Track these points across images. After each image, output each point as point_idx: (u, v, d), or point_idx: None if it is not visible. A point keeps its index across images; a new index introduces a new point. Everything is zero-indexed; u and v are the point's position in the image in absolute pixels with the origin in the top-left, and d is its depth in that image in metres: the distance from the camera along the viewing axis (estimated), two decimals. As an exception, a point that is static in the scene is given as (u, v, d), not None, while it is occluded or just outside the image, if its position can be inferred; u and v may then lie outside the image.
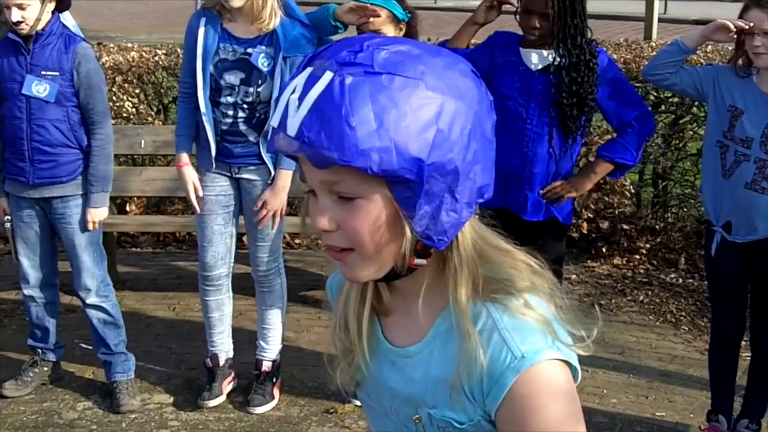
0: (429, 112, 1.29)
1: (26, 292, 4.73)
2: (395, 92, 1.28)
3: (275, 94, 4.20)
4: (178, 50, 6.98)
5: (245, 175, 4.42)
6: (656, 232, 6.84)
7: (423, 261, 1.40)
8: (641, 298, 6.08)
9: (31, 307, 4.76)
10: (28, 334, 4.91)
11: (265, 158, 4.34)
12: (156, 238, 7.23)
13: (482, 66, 4.03)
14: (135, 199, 7.08)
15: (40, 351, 4.83)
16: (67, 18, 4.51)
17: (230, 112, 4.30)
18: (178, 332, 5.61)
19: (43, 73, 4.32)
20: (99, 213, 4.50)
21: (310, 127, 1.27)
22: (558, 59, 3.98)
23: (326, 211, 1.35)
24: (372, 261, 1.38)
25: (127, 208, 7.12)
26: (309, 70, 1.32)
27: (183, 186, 4.50)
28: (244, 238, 5.39)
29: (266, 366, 4.74)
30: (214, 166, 4.40)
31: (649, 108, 4.43)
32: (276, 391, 4.76)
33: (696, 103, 6.28)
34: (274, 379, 4.76)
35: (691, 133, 6.49)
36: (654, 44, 7.34)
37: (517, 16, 4.08)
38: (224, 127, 4.33)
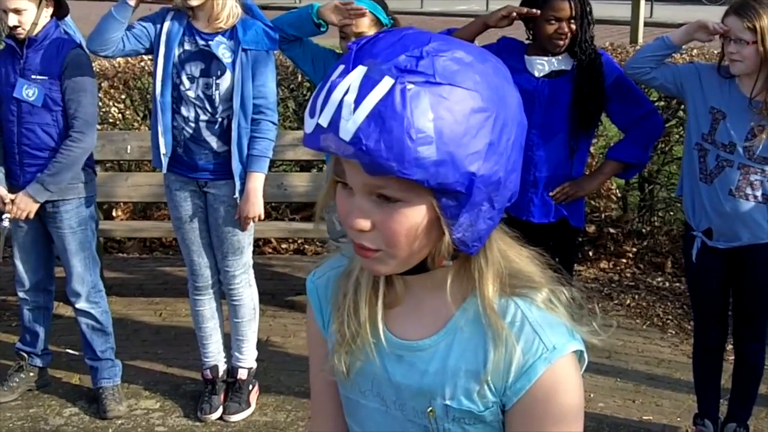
0: (484, 125, 1.29)
1: (21, 295, 4.74)
2: (455, 104, 1.26)
3: (236, 89, 4.22)
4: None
5: (212, 190, 4.40)
6: (643, 235, 6.85)
7: (450, 262, 1.42)
8: (628, 301, 6.09)
9: (24, 310, 4.76)
10: (18, 338, 4.92)
11: (234, 171, 4.31)
12: (142, 243, 7.22)
13: None
14: (121, 204, 7.07)
15: (26, 356, 4.82)
16: (68, 24, 4.50)
17: (192, 116, 4.28)
18: (164, 338, 5.60)
19: (33, 77, 4.32)
20: (27, 202, 4.35)
21: (368, 134, 1.24)
22: (582, 58, 4.06)
23: (364, 212, 1.34)
24: (400, 260, 1.38)
25: (114, 214, 7.11)
26: (362, 69, 1.27)
27: None
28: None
29: (242, 374, 4.72)
30: (164, 165, 4.35)
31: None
32: (252, 399, 4.75)
33: (682, 106, 6.29)
34: (251, 387, 4.75)
35: (677, 136, 6.49)
36: (640, 48, 7.34)
37: (530, 31, 4.15)
38: (187, 135, 4.30)
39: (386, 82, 1.25)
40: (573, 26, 4.01)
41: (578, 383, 1.46)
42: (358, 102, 1.25)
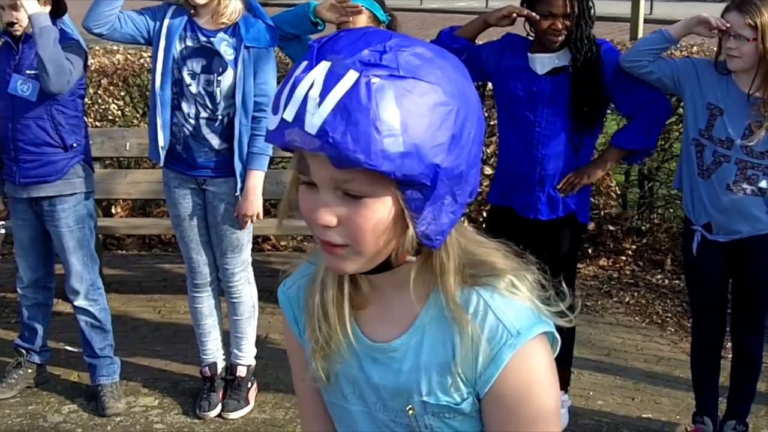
0: (447, 118, 1.30)
1: (20, 291, 4.75)
2: (418, 97, 1.28)
3: (239, 86, 4.22)
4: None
5: (211, 188, 4.40)
6: (642, 233, 6.85)
7: (414, 258, 1.42)
8: (627, 299, 6.08)
9: (24, 307, 4.77)
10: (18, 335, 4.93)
11: (236, 169, 4.31)
12: (142, 240, 7.22)
13: (491, 64, 4.19)
14: (121, 201, 7.06)
15: (25, 352, 4.82)
16: (67, 23, 4.48)
17: (192, 113, 4.27)
18: (163, 334, 5.60)
19: (28, 72, 4.32)
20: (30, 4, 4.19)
21: (334, 127, 1.25)
22: (577, 56, 4.04)
23: (329, 207, 1.34)
24: (366, 257, 1.38)
25: (113, 211, 7.11)
26: (326, 65, 1.29)
27: None
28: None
29: (241, 371, 4.72)
30: (161, 158, 4.34)
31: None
32: (252, 396, 4.75)
33: (682, 103, 6.27)
34: (249, 384, 4.75)
35: (677, 133, 6.49)
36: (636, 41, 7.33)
37: (527, 25, 4.16)
38: (187, 132, 4.30)
39: (351, 76, 1.27)
40: (568, 23, 4.01)
41: (549, 365, 1.47)
42: (323, 96, 1.27)
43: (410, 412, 1.51)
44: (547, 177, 4.15)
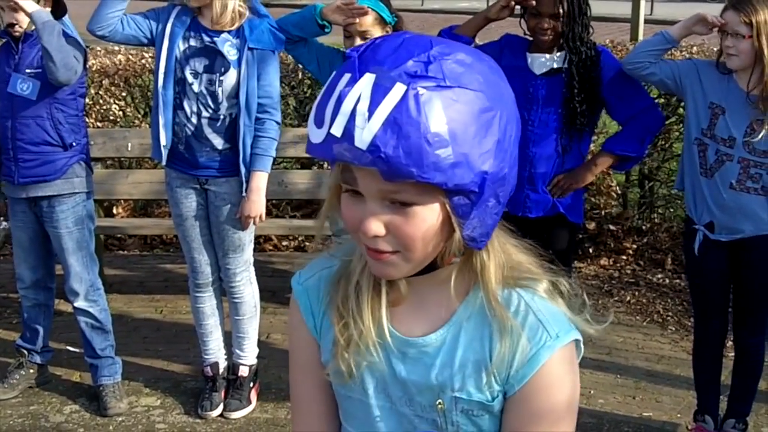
0: (492, 123, 1.32)
1: (21, 292, 4.75)
2: (464, 106, 1.29)
3: (242, 87, 4.22)
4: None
5: (213, 188, 4.40)
6: (643, 232, 6.85)
7: (458, 259, 1.44)
8: (628, 298, 6.09)
9: (25, 307, 4.78)
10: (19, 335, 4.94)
11: (241, 169, 4.31)
12: (143, 240, 7.23)
13: None
14: (122, 201, 7.07)
15: (26, 353, 4.83)
16: (67, 24, 4.49)
17: (194, 110, 4.27)
18: (165, 335, 5.60)
19: (27, 71, 4.33)
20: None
21: (385, 142, 1.25)
22: (572, 57, 4.05)
23: (378, 217, 1.35)
24: (414, 263, 1.40)
25: (114, 211, 7.11)
26: (370, 77, 1.29)
27: None
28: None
29: (243, 371, 4.73)
30: (164, 156, 4.35)
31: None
32: (253, 396, 4.75)
33: (682, 103, 6.28)
34: (252, 384, 4.75)
35: (677, 133, 6.49)
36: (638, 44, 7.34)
37: (523, 21, 4.16)
38: (189, 132, 4.30)
39: (398, 89, 1.27)
40: (555, 23, 4.01)
41: (576, 372, 1.50)
42: (371, 110, 1.27)
43: (440, 407, 1.51)
44: (537, 176, 4.16)
